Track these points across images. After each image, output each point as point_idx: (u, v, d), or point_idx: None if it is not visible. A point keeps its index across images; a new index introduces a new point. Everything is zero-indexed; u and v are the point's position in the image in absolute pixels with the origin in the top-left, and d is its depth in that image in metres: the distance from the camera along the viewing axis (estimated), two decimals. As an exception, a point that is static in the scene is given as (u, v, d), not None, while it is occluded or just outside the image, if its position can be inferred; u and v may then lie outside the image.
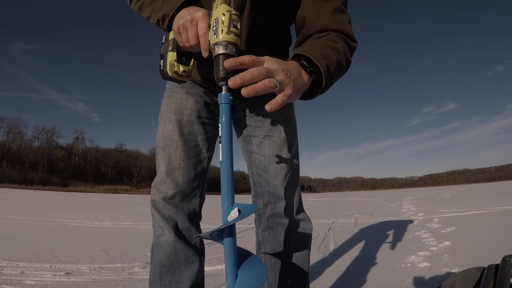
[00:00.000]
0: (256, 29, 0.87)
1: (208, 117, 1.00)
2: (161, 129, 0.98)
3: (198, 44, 0.73)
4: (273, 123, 1.01)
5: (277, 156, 1.00)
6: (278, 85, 0.63)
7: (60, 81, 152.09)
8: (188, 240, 0.95)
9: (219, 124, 0.69)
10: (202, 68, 0.95)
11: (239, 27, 0.69)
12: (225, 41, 0.67)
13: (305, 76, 0.70)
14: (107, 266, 2.28)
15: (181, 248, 0.93)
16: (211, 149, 1.02)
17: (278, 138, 1.00)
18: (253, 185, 1.05)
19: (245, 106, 1.02)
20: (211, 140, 1.02)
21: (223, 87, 0.68)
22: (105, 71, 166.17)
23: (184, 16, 0.73)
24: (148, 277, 0.97)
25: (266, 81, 0.62)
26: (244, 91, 0.61)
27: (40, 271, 2.09)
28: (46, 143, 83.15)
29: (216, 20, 0.68)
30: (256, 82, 0.62)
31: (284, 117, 1.02)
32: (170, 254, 0.92)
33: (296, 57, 0.72)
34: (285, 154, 1.01)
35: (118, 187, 77.73)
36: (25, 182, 64.67)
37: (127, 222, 5.45)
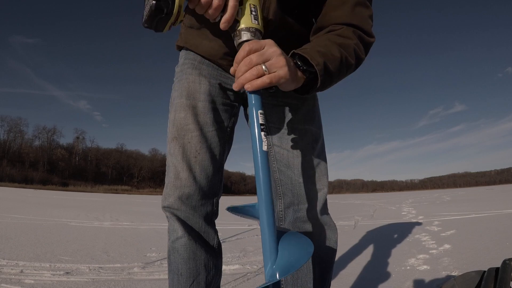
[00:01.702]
0: (284, 11, 0.80)
1: (224, 102, 0.90)
2: (173, 117, 0.88)
3: (220, 8, 0.63)
4: (296, 113, 0.90)
5: (302, 149, 0.88)
6: (266, 70, 0.60)
7: (62, 77, 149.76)
8: (206, 242, 0.87)
9: (248, 113, 0.65)
10: (222, 40, 0.84)
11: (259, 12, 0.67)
12: (253, 27, 0.64)
13: (299, 73, 0.66)
14: (106, 266, 2.28)
15: (200, 252, 0.85)
16: (229, 139, 0.93)
17: (303, 129, 0.89)
18: (272, 183, 0.93)
19: (263, 92, 0.95)
20: (229, 129, 0.92)
21: None
22: (109, 66, 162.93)
23: None
24: (147, 277, 0.97)
25: (253, 69, 0.60)
26: (235, 86, 0.63)
27: (40, 270, 2.09)
28: (46, 142, 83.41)
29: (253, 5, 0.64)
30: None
31: (309, 108, 0.92)
32: (188, 260, 0.83)
33: (292, 56, 0.67)
34: (311, 147, 0.89)
35: (118, 187, 77.85)
36: (25, 181, 64.80)
37: (127, 222, 5.45)
